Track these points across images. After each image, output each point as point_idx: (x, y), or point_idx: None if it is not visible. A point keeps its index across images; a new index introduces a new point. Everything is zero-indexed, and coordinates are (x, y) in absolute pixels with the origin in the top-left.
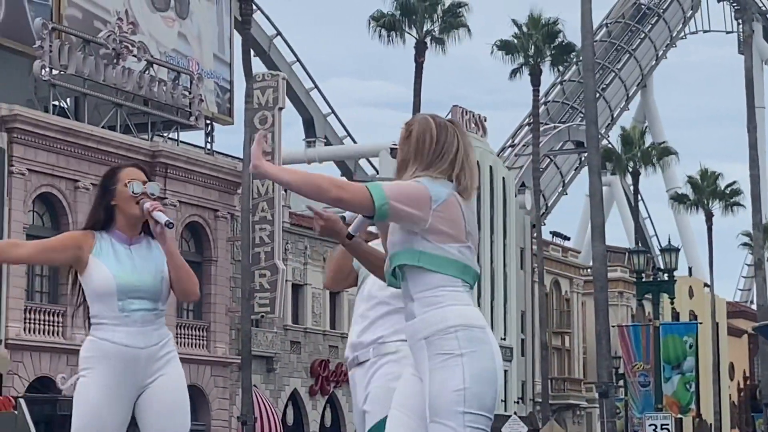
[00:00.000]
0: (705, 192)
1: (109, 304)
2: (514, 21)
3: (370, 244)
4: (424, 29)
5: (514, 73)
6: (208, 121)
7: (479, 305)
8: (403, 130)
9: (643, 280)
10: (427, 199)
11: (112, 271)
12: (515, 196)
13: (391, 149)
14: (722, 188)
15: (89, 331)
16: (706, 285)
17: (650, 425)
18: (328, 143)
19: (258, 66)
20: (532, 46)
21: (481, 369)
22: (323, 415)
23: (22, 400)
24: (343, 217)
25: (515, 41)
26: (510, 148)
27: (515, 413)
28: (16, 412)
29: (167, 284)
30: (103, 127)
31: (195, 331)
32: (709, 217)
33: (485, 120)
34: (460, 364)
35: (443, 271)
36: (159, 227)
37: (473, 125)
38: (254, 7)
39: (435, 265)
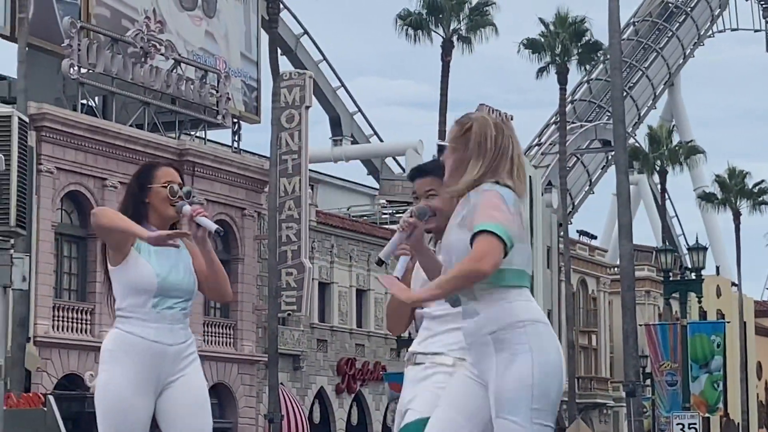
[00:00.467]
0: (732, 191)
1: (144, 299)
2: (541, 19)
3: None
4: (451, 28)
5: (540, 71)
6: (235, 120)
7: None
8: (456, 128)
9: (671, 279)
10: (507, 205)
11: (155, 269)
12: (542, 194)
13: (439, 146)
14: (750, 187)
15: (114, 322)
16: (733, 284)
17: (678, 424)
18: (354, 142)
19: (285, 65)
20: (559, 45)
21: (549, 364)
22: (350, 413)
23: (51, 397)
24: (380, 259)
25: (542, 40)
26: (536, 147)
27: None
28: (45, 408)
29: (197, 284)
30: (130, 126)
31: (222, 329)
32: (736, 216)
33: (512, 118)
34: (530, 359)
35: (506, 283)
36: (201, 231)
37: None
38: (281, 5)
39: (499, 279)
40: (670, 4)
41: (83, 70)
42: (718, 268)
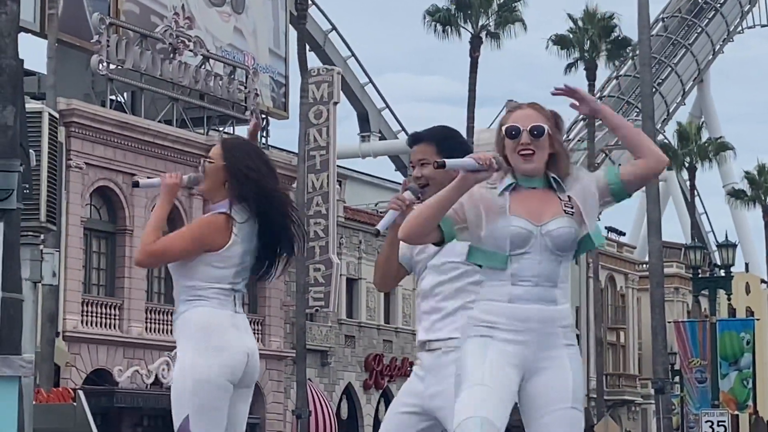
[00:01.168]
0: (762, 187)
1: None
2: (569, 15)
3: None
4: (480, 24)
5: (569, 67)
6: (263, 116)
7: None
8: (545, 115)
9: (700, 275)
10: None
11: None
12: None
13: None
14: None
15: None
16: (763, 281)
17: (706, 422)
18: (382, 138)
19: (313, 60)
20: (588, 41)
21: None
22: (377, 409)
23: (80, 392)
24: (378, 231)
25: (571, 36)
26: (565, 143)
27: None
28: (74, 403)
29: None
30: (159, 122)
31: (250, 324)
32: (766, 212)
33: None
34: (581, 359)
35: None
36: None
37: None
38: (309, 1)
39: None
40: (699, 0)
41: (112, 66)
42: (747, 265)
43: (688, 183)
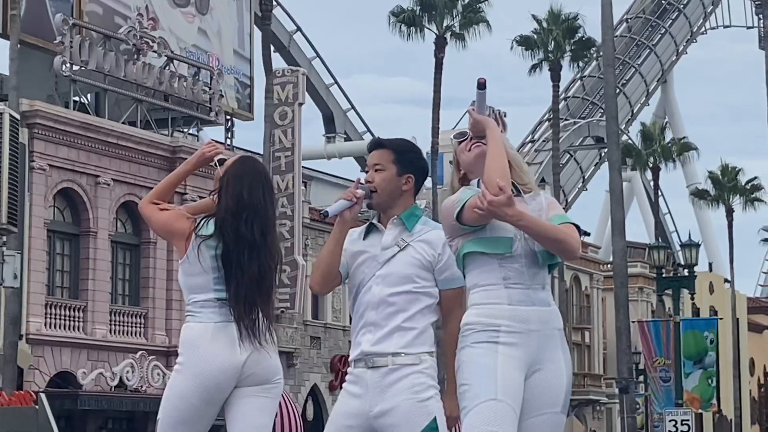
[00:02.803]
0: (725, 187)
1: None
2: (533, 16)
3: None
4: (444, 24)
5: (533, 68)
6: (228, 117)
7: None
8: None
9: (664, 275)
10: None
11: None
12: None
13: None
14: (743, 184)
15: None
16: (726, 281)
17: (670, 421)
18: (348, 139)
19: (278, 62)
20: (552, 42)
21: None
22: None
23: (43, 395)
24: (326, 213)
25: (535, 37)
26: (530, 144)
27: None
28: (37, 406)
29: None
30: (123, 123)
31: None
32: (729, 212)
33: (505, 115)
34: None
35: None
36: None
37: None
38: (274, 2)
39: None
40: (663, 1)
41: (75, 67)
42: (711, 264)
43: (651, 183)
